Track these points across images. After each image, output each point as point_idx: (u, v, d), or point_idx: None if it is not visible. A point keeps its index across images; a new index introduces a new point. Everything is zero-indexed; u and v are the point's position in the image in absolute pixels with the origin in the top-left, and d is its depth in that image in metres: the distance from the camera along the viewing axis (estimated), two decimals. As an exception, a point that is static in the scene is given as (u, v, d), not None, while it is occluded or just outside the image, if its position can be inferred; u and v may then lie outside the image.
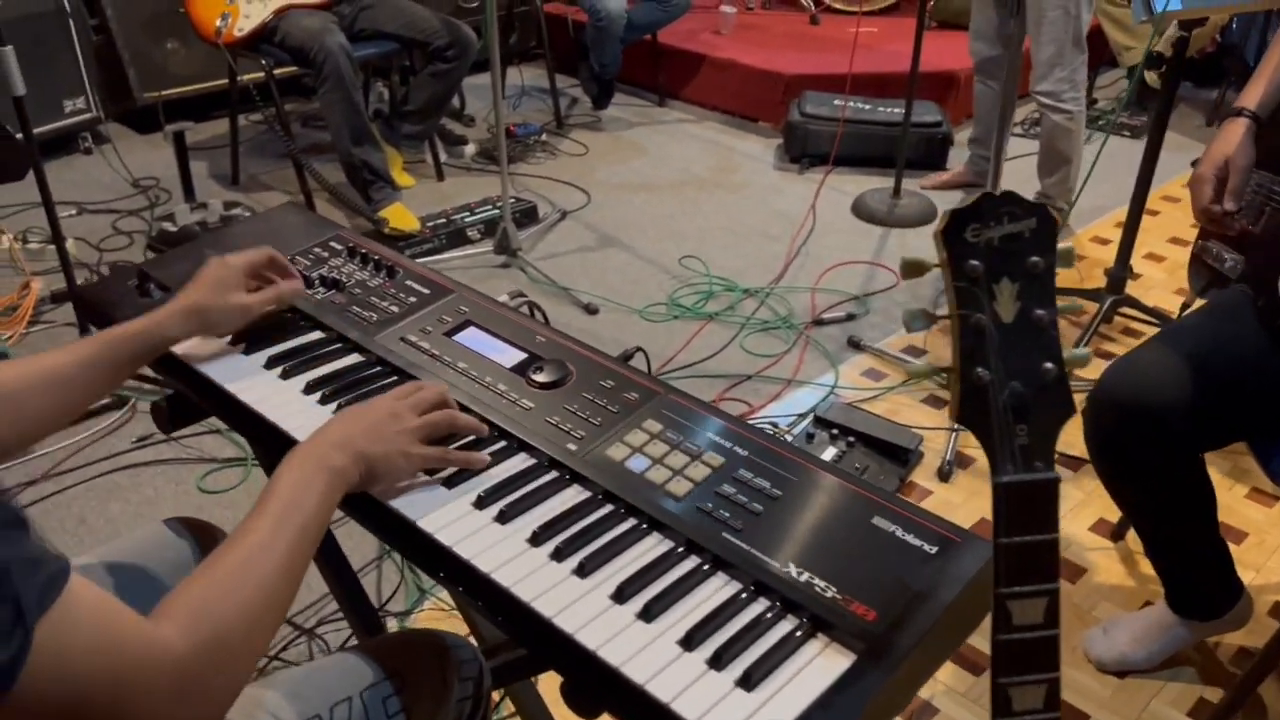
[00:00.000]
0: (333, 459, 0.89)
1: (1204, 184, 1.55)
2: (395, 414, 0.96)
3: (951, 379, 0.75)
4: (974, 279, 0.73)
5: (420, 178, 3.61)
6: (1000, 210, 0.74)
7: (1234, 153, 1.54)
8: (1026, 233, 0.74)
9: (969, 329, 0.73)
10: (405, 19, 3.26)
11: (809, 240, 3.26)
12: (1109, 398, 1.49)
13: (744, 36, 4.47)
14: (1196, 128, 4.13)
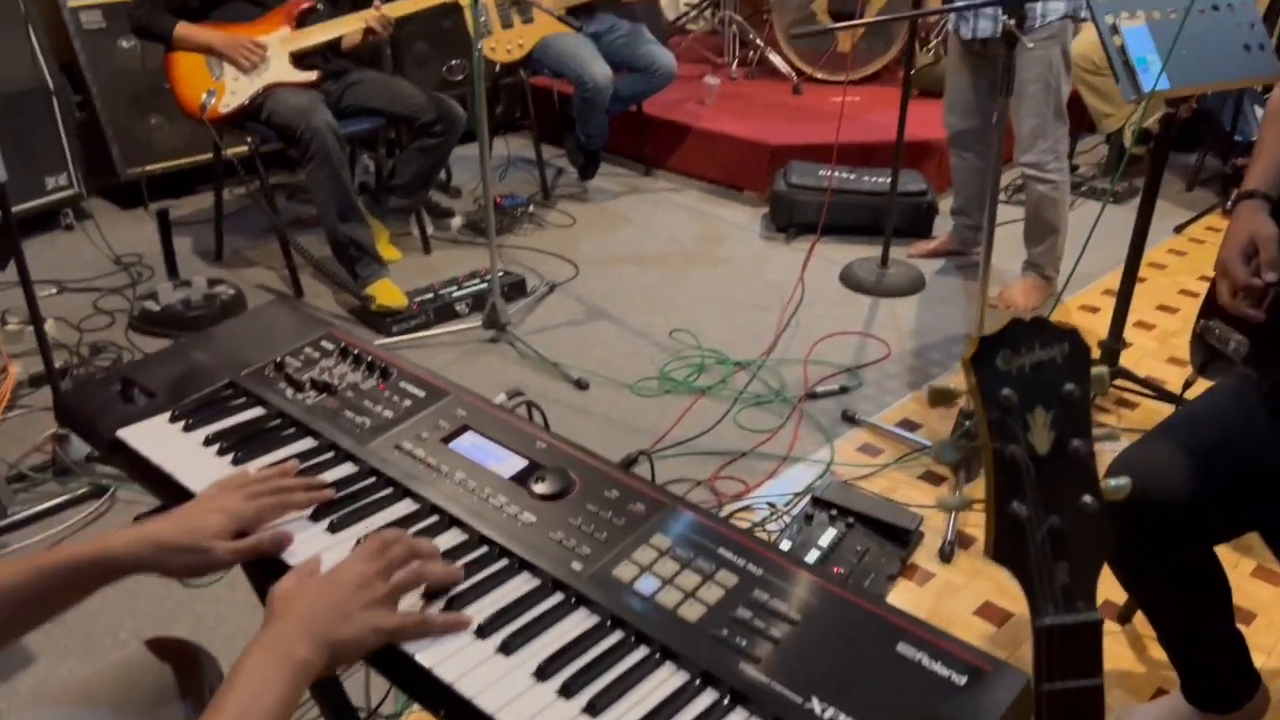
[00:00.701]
0: (296, 651, 0.83)
1: (1235, 264, 1.52)
2: (364, 583, 0.89)
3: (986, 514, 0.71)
4: (1007, 408, 0.70)
5: (407, 251, 3.59)
6: (1031, 337, 0.71)
7: (1260, 229, 1.52)
8: (1059, 359, 0.71)
9: (1003, 462, 0.70)
10: (392, 95, 3.26)
11: (799, 310, 3.24)
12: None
13: (728, 106, 4.51)
14: (1177, 193, 4.17)
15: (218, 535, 0.98)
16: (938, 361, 2.94)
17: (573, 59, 3.74)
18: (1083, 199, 4.02)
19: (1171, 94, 2.14)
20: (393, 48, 4.08)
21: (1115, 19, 2.14)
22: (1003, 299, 3.24)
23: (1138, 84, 2.10)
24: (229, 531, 0.99)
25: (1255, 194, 1.55)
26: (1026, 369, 0.70)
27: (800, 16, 4.80)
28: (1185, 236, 3.78)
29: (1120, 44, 2.12)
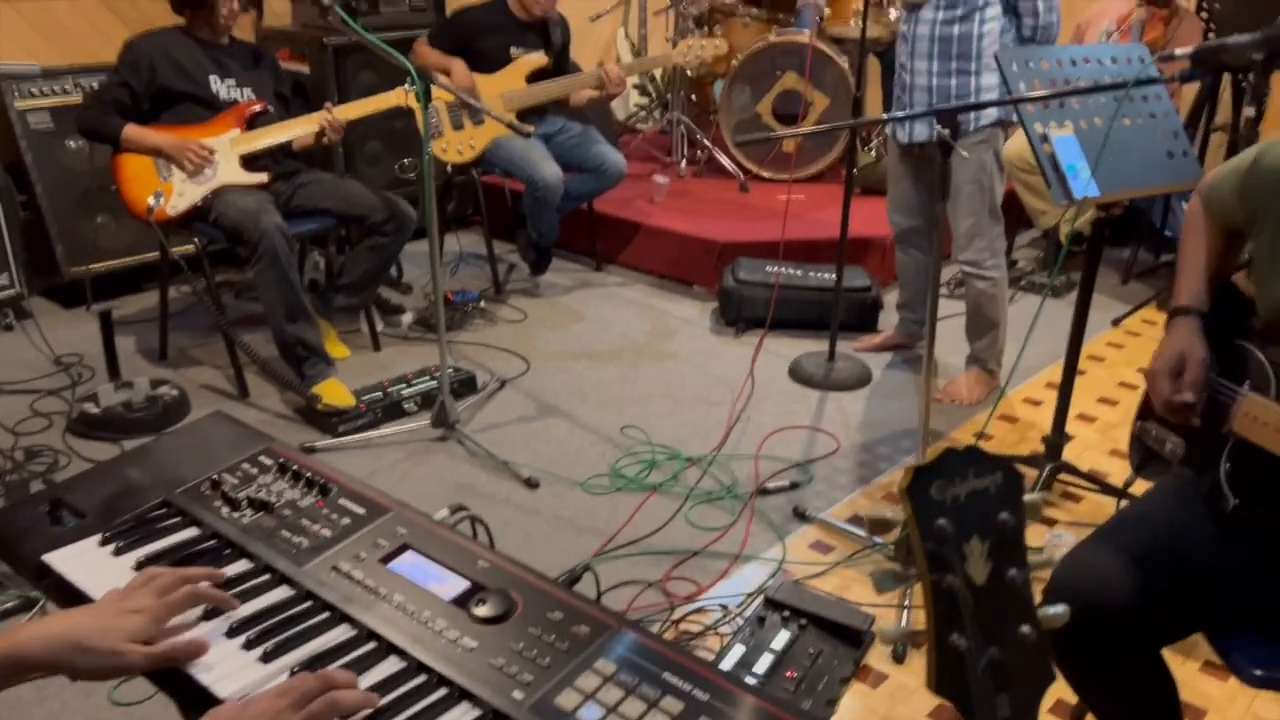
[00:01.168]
0: None
1: (1162, 378, 1.58)
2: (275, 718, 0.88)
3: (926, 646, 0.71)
4: (942, 539, 0.70)
5: (356, 348, 3.57)
6: (965, 466, 0.72)
7: (1189, 348, 1.58)
8: (993, 488, 0.72)
9: (941, 594, 0.70)
10: (343, 196, 3.28)
11: (749, 405, 3.26)
12: (1063, 595, 1.47)
13: (677, 204, 4.59)
14: (1113, 286, 4.30)
15: (133, 638, 0.96)
16: (886, 456, 2.96)
17: (523, 160, 3.79)
18: (1022, 293, 4.13)
19: (1101, 200, 2.22)
20: (345, 148, 4.12)
21: (1045, 128, 2.23)
22: (947, 393, 3.29)
23: (1069, 190, 2.18)
24: (143, 635, 0.97)
25: (1189, 310, 1.60)
26: (961, 499, 0.71)
27: (745, 117, 4.94)
28: (1123, 329, 3.88)
29: (1050, 152, 2.21)
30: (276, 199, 3.17)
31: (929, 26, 3.01)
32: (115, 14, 3.96)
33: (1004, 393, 3.31)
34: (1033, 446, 2.92)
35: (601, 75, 3.92)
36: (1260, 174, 1.50)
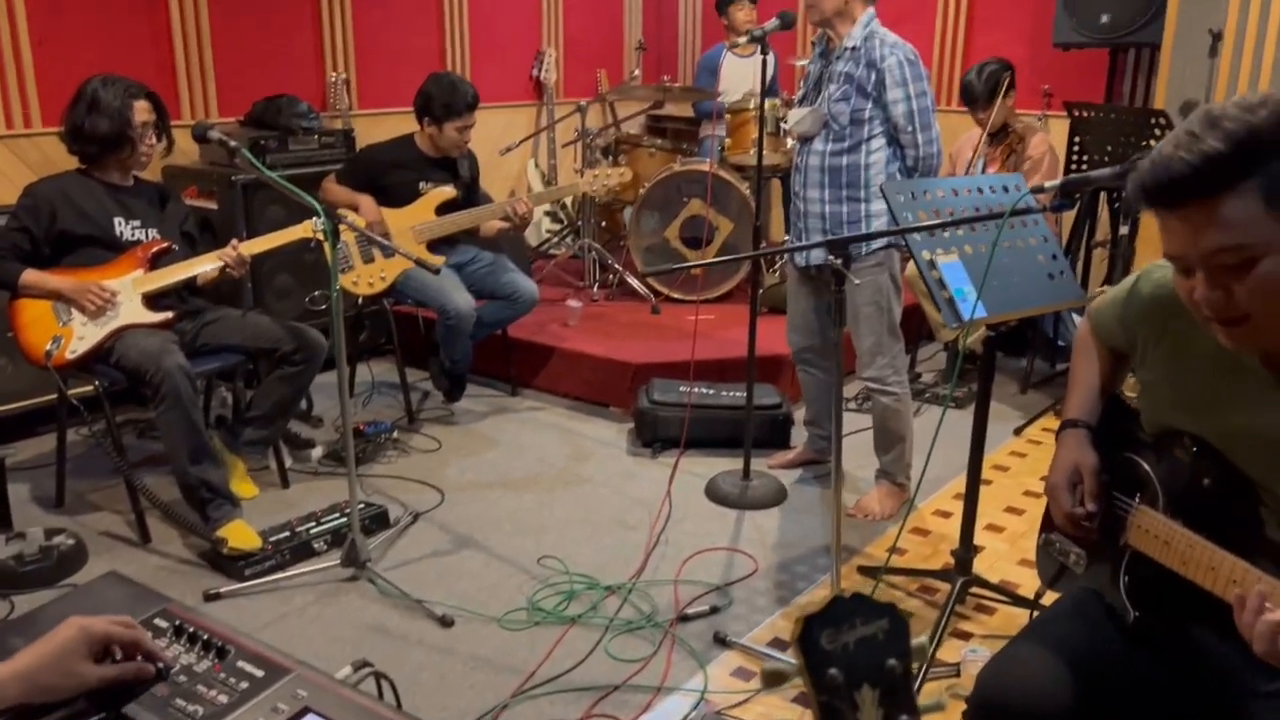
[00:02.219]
0: None
1: (1060, 491, 1.64)
2: None
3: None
4: (834, 689, 0.71)
5: (264, 485, 3.48)
6: (852, 613, 0.74)
7: (1081, 459, 1.64)
8: (880, 634, 0.74)
9: (836, 746, 0.71)
10: (250, 330, 3.26)
11: (667, 527, 3.26)
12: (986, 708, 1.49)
13: (591, 327, 4.66)
14: (1012, 395, 4.46)
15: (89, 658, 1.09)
16: (804, 575, 2.98)
17: (435, 290, 3.82)
18: (927, 405, 4.25)
19: (988, 320, 2.33)
20: (253, 282, 4.11)
21: (932, 254, 2.35)
22: (859, 508, 3.34)
23: (957, 313, 2.28)
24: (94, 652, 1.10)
25: (1077, 423, 1.68)
26: (851, 646, 0.72)
27: (654, 242, 5.08)
28: (1024, 438, 4.01)
29: (938, 277, 2.32)
30: (181, 338, 3.13)
31: (819, 157, 3.16)
32: (17, 155, 3.93)
33: (914, 505, 3.38)
34: (944, 559, 2.98)
35: (509, 207, 4.01)
36: (1136, 302, 1.60)
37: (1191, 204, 1.21)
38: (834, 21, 3.10)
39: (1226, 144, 1.17)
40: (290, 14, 4.82)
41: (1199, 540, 1.40)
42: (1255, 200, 1.18)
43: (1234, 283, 1.22)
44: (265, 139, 4.25)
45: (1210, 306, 1.25)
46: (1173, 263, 1.30)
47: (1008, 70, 4.20)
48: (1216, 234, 1.20)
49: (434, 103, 3.95)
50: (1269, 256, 1.20)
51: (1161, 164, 1.21)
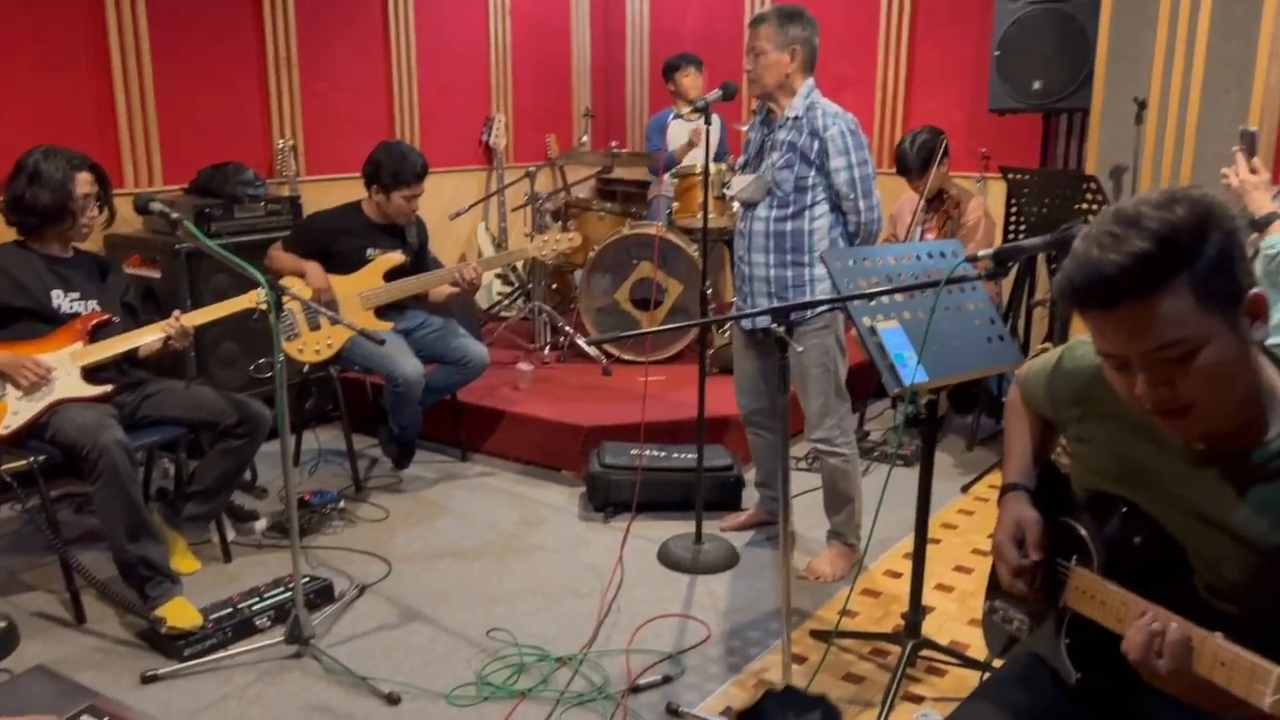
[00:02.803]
0: None
1: (1005, 547, 1.66)
2: None
3: None
4: (766, 788, 0.71)
5: (206, 559, 3.40)
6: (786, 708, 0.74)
7: (1022, 515, 1.67)
8: (811, 730, 0.73)
9: (768, 846, 0.70)
10: (191, 403, 3.20)
11: (619, 595, 3.23)
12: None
13: (542, 390, 4.65)
14: (960, 453, 4.51)
15: None
16: (756, 641, 2.96)
17: (382, 356, 3.80)
18: (876, 464, 4.29)
19: (929, 385, 2.37)
20: (197, 351, 4.05)
21: (872, 321, 2.39)
22: (810, 570, 3.34)
23: (899, 378, 2.32)
24: None
25: (1016, 486, 1.71)
26: (782, 743, 0.72)
27: (605, 304, 5.11)
28: (972, 496, 4.05)
29: (879, 343, 2.36)
30: (121, 411, 3.08)
31: (764, 223, 3.22)
32: (-47, 225, 3.87)
33: (864, 566, 3.38)
34: (896, 621, 2.98)
35: (458, 273, 4.01)
36: (1060, 378, 1.64)
37: (1126, 304, 1.22)
38: (775, 94, 3.18)
39: (1154, 243, 1.19)
40: (237, 81, 4.84)
41: (1132, 598, 1.43)
42: (1187, 296, 1.21)
43: (1176, 375, 1.25)
44: (210, 207, 4.23)
45: (1155, 402, 1.28)
46: (1107, 360, 1.31)
47: (940, 138, 4.33)
48: (1158, 331, 1.22)
49: (383, 170, 3.97)
50: (1208, 346, 1.23)
51: (1091, 266, 1.22)
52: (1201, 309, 1.22)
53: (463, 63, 5.95)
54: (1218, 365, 1.24)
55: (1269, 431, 1.32)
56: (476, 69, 6.05)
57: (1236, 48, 3.91)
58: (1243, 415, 1.32)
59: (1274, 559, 1.31)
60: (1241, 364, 1.27)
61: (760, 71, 3.17)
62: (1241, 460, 1.34)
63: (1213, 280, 1.22)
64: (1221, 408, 1.28)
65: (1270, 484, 1.32)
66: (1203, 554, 1.40)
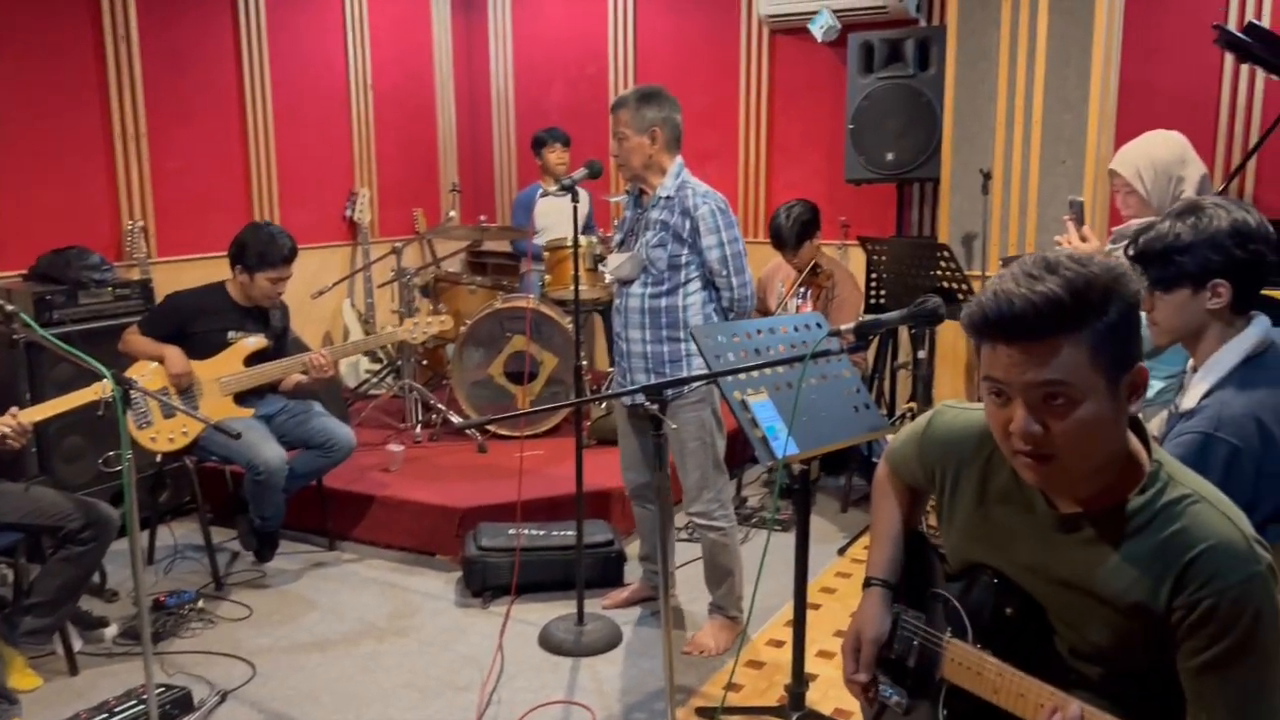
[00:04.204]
0: None
1: (846, 657, 1.69)
2: None
3: None
4: None
5: (49, 673, 3.14)
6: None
7: (864, 626, 1.70)
8: None
9: None
10: (31, 506, 2.98)
11: (500, 685, 3.12)
12: None
13: (414, 470, 4.52)
14: (835, 514, 4.58)
15: None
16: (642, 723, 2.90)
17: (242, 445, 3.62)
18: (755, 530, 4.31)
19: (800, 456, 2.39)
20: (39, 447, 3.80)
21: (743, 395, 2.40)
22: (694, 644, 3.31)
23: (771, 451, 2.33)
24: None
25: (872, 582, 1.73)
26: None
27: (479, 378, 5.03)
28: (848, 558, 4.10)
29: (751, 417, 2.37)
30: (-52, 518, 2.83)
31: (639, 299, 3.23)
32: None
33: (748, 637, 3.37)
34: (780, 693, 2.96)
35: (307, 361, 3.88)
36: (932, 438, 1.67)
37: (1027, 339, 1.28)
38: (643, 174, 3.22)
39: (1066, 291, 1.25)
40: (81, 160, 4.62)
41: (1007, 669, 1.45)
42: (1083, 349, 1.27)
43: (1051, 420, 1.29)
44: (52, 294, 4.00)
45: (1024, 438, 1.31)
46: (991, 386, 1.35)
47: (815, 212, 4.48)
48: (1047, 370, 1.27)
49: (248, 251, 3.82)
50: (1086, 402, 1.28)
51: (1004, 298, 1.28)
52: (1091, 366, 1.27)
53: (324, 138, 5.85)
54: (1091, 422, 1.29)
55: (1129, 498, 1.36)
56: (338, 144, 5.96)
57: (1069, 121, 4.18)
58: (1104, 479, 1.37)
59: (1133, 617, 1.35)
60: (1111, 429, 1.32)
61: (625, 155, 3.20)
62: (1103, 523, 1.38)
63: (1109, 342, 1.28)
64: (1083, 465, 1.33)
65: (1127, 544, 1.36)
66: (1066, 617, 1.43)
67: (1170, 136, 2.74)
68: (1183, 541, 1.31)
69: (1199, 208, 1.93)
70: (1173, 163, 2.68)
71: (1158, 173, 2.67)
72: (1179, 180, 2.67)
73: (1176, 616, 1.31)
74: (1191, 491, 1.35)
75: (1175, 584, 1.30)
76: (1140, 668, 1.38)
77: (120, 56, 4.71)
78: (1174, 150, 2.70)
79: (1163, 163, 2.67)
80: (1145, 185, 2.67)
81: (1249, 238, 1.89)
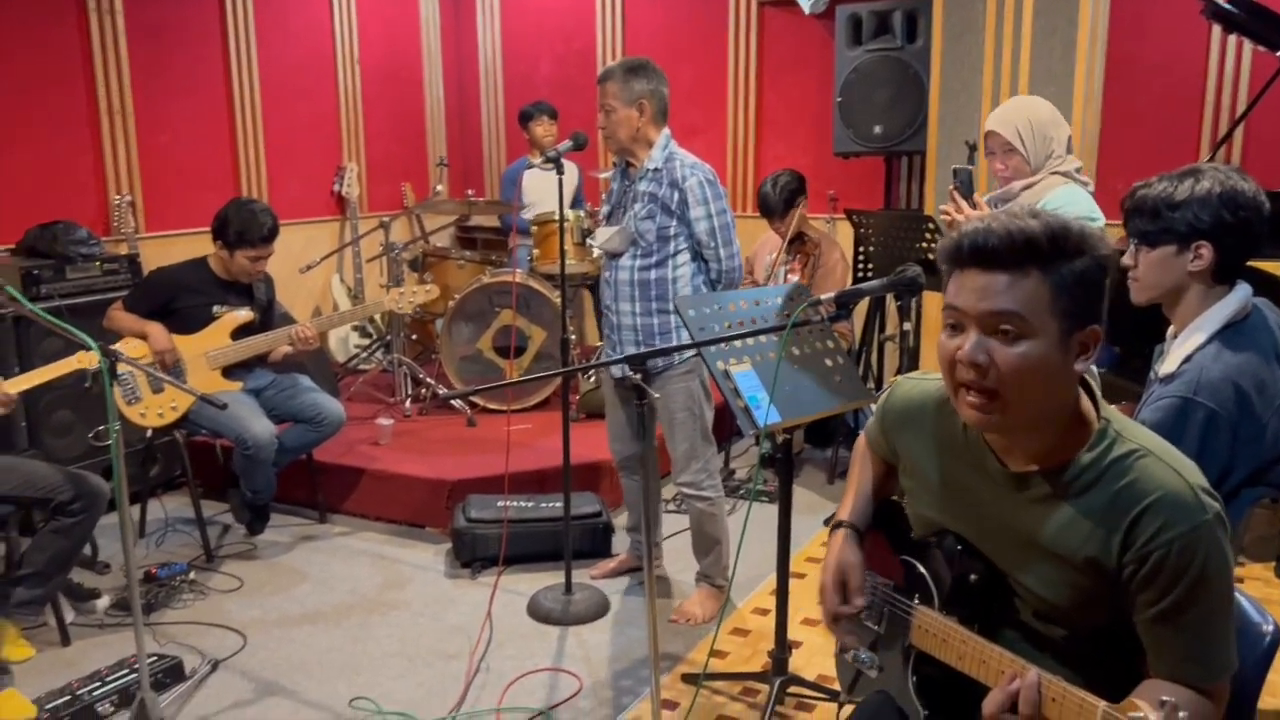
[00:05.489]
0: None
1: (828, 591, 1.69)
2: None
3: None
4: None
5: (41, 644, 3.17)
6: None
7: (844, 557, 1.70)
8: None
9: None
10: (21, 478, 3.00)
11: (488, 653, 3.16)
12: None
13: (403, 444, 4.54)
14: (821, 485, 4.62)
15: None
16: (628, 689, 2.94)
17: (230, 418, 3.64)
18: (743, 501, 4.34)
19: (782, 425, 2.42)
20: (28, 420, 3.81)
21: (726, 365, 2.43)
22: (681, 613, 3.35)
23: (754, 420, 2.36)
24: None
25: (844, 524, 1.75)
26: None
27: (468, 353, 5.04)
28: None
29: (733, 386, 2.39)
30: (-62, 491, 2.85)
31: (628, 272, 3.24)
32: None
33: (734, 605, 3.41)
34: (764, 660, 3.01)
35: (292, 335, 3.89)
36: (890, 412, 1.70)
37: (997, 266, 1.33)
38: (631, 147, 3.22)
39: (1043, 232, 1.31)
40: (67, 136, 4.61)
41: (971, 636, 1.48)
42: (1044, 289, 1.32)
43: (997, 351, 1.33)
44: (39, 268, 4.00)
45: (970, 365, 1.35)
46: (949, 316, 1.39)
47: (801, 181, 4.48)
48: (1005, 299, 1.32)
49: (229, 228, 3.81)
50: (1035, 339, 1.32)
51: (984, 229, 1.34)
52: (1050, 308, 1.32)
53: (311, 112, 5.83)
54: (1036, 359, 1.33)
55: (1078, 455, 1.39)
56: (326, 118, 5.94)
57: (1054, 93, 4.18)
58: (1051, 435, 1.40)
59: (1087, 573, 1.38)
60: (1057, 375, 1.35)
61: (613, 128, 3.20)
62: (1053, 481, 1.42)
63: (1071, 290, 1.33)
64: (1024, 409, 1.36)
65: (1077, 500, 1.40)
66: (1026, 579, 1.46)
67: (1040, 99, 2.79)
68: (1131, 495, 1.34)
69: (1197, 170, 1.96)
70: (1049, 123, 2.71)
71: (1035, 132, 2.70)
72: (1052, 140, 2.71)
73: (1128, 571, 1.34)
74: (1139, 446, 1.38)
75: (1125, 538, 1.34)
76: (1101, 626, 1.42)
77: (105, 30, 4.69)
78: (1049, 111, 2.74)
79: (1039, 122, 2.70)
80: (1025, 145, 2.70)
81: (1240, 205, 1.92)
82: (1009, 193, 2.74)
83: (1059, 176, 2.70)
